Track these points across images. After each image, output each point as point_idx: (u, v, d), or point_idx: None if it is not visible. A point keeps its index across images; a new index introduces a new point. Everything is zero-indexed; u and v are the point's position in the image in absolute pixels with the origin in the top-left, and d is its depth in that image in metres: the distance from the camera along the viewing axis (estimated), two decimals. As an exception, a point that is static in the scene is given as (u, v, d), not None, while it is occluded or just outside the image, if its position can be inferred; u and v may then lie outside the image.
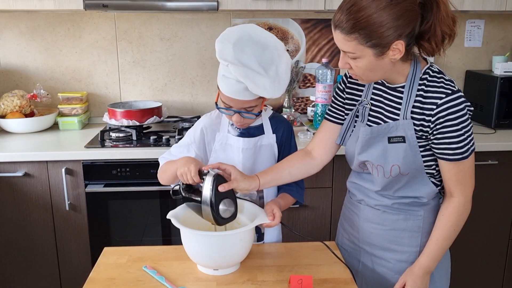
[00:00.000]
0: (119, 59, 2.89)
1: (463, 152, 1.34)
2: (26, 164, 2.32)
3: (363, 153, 1.46)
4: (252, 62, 1.40)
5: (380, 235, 1.53)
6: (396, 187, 1.45)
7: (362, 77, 1.36)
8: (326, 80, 2.61)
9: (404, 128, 1.37)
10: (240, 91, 1.42)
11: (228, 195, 1.40)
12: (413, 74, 1.36)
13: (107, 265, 1.49)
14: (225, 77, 1.42)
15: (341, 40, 1.28)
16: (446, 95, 1.31)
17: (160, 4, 2.45)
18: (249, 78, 1.37)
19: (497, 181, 2.55)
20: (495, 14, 2.99)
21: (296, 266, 1.48)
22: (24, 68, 2.86)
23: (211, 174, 1.38)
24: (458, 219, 1.41)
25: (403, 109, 1.37)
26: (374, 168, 1.45)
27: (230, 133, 1.59)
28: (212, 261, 1.40)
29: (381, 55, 1.27)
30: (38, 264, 2.45)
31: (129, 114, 2.57)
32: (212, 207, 1.36)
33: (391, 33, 1.23)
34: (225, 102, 1.49)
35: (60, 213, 2.38)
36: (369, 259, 1.57)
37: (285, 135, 1.64)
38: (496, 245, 2.66)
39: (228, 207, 1.40)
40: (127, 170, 2.36)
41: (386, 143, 1.40)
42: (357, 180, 1.59)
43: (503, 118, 2.74)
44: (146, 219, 2.47)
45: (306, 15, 2.90)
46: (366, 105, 1.46)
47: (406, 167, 1.39)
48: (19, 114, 2.64)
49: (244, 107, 1.47)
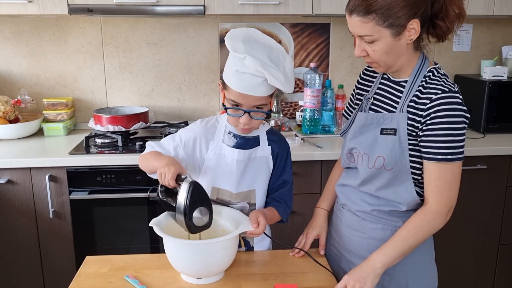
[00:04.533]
0: (105, 64, 2.85)
1: (448, 154, 1.31)
2: (9, 171, 2.28)
3: (353, 139, 1.47)
4: (264, 58, 1.40)
5: (358, 243, 1.51)
6: (377, 183, 1.43)
7: (380, 62, 1.37)
8: (314, 84, 2.60)
9: (398, 121, 1.37)
10: (256, 86, 1.40)
11: (204, 203, 1.37)
12: (419, 70, 1.38)
13: (88, 275, 1.45)
14: (238, 72, 1.39)
15: (358, 24, 1.30)
16: (442, 92, 1.31)
17: (148, 8, 2.43)
18: (267, 69, 1.36)
19: (486, 186, 2.54)
20: (483, 19, 2.99)
21: (281, 274, 1.45)
22: (8, 73, 2.82)
23: (187, 180, 1.35)
24: (422, 224, 1.36)
25: (401, 102, 1.38)
26: (360, 157, 1.45)
27: (225, 143, 1.56)
28: (195, 270, 1.38)
29: (398, 36, 1.30)
30: (21, 273, 2.40)
31: (115, 119, 2.53)
32: (186, 214, 1.33)
33: (407, 11, 1.26)
34: (234, 101, 1.45)
35: (44, 220, 2.34)
36: (348, 267, 1.55)
37: (281, 152, 1.60)
38: (486, 250, 2.65)
39: (202, 216, 1.37)
40: (112, 176, 2.32)
41: (378, 134, 1.41)
42: (343, 179, 1.58)
43: (492, 122, 2.74)
44: (133, 226, 2.43)
45: (294, 20, 2.89)
46: (368, 99, 1.49)
47: (391, 161, 1.38)
48: (3, 120, 2.60)
49: (255, 104, 1.44)
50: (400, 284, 1.46)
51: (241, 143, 1.55)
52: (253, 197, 1.57)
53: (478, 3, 2.60)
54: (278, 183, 1.60)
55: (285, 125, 2.74)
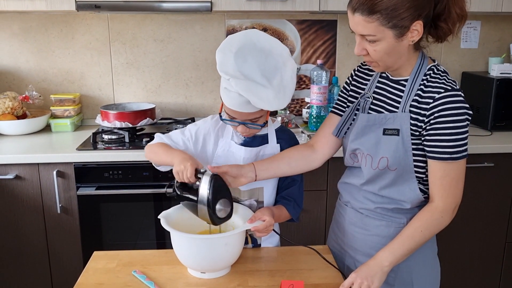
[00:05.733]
0: (112, 61, 2.86)
1: (453, 153, 1.31)
2: (17, 167, 2.29)
3: (356, 140, 1.45)
4: (255, 73, 1.34)
5: (362, 240, 1.51)
6: (381, 183, 1.42)
7: (379, 62, 1.36)
8: (321, 81, 2.59)
9: (400, 121, 1.36)
10: (243, 104, 1.38)
11: (225, 195, 1.40)
12: (418, 68, 1.37)
13: (96, 270, 1.46)
14: (227, 90, 1.39)
15: (362, 23, 1.28)
16: (445, 91, 1.30)
17: (155, 5, 2.43)
18: (251, 91, 1.32)
19: (493, 184, 2.53)
20: (491, 15, 2.97)
21: (288, 271, 1.45)
22: (16, 69, 2.83)
23: (208, 173, 1.37)
24: (428, 223, 1.36)
25: (403, 102, 1.37)
26: (363, 158, 1.44)
27: (234, 140, 1.56)
28: (198, 264, 1.39)
29: (401, 37, 1.28)
30: (29, 268, 2.42)
31: (122, 116, 2.54)
32: (209, 206, 1.35)
33: (411, 13, 1.25)
34: (229, 114, 1.46)
35: (52, 216, 2.35)
36: (352, 263, 1.55)
37: None
38: (492, 248, 2.64)
39: (224, 207, 1.39)
40: (120, 172, 2.33)
41: (380, 134, 1.39)
42: (346, 177, 1.57)
43: (499, 120, 2.72)
44: (139, 222, 2.44)
45: (301, 16, 2.88)
46: (367, 98, 1.46)
47: (394, 161, 1.37)
48: (11, 116, 2.61)
49: (248, 118, 1.44)
50: (404, 280, 1.46)
51: (249, 141, 1.56)
52: (261, 194, 1.57)
53: (486, 0, 2.59)
54: (287, 181, 1.60)
55: (291, 122, 2.74)
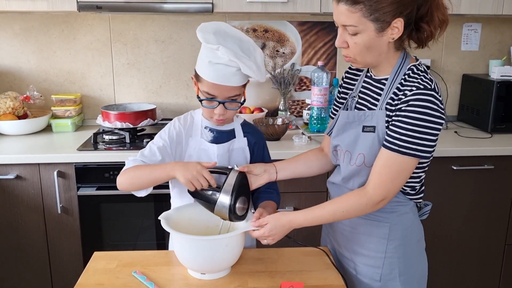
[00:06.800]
0: (113, 61, 2.87)
1: (402, 146, 1.30)
2: (18, 167, 2.29)
3: (337, 136, 1.48)
4: (236, 48, 1.43)
5: (350, 238, 1.53)
6: (359, 180, 1.43)
7: (357, 57, 1.37)
8: (322, 83, 2.59)
9: (377, 119, 1.38)
10: (230, 76, 1.43)
11: (245, 193, 1.44)
12: (399, 68, 1.38)
13: (96, 270, 1.46)
14: (212, 63, 1.43)
15: (345, 12, 1.30)
16: (416, 89, 1.31)
17: (157, 6, 2.44)
18: (240, 59, 1.40)
19: (493, 186, 2.53)
20: (492, 18, 2.98)
21: (288, 272, 1.46)
22: (17, 69, 2.84)
23: (235, 170, 1.44)
24: (353, 206, 1.37)
25: (381, 100, 1.39)
26: (342, 154, 1.47)
27: (203, 138, 1.58)
28: (198, 265, 1.40)
29: (382, 32, 1.30)
30: (29, 268, 2.42)
31: (122, 116, 2.55)
32: (231, 200, 1.38)
33: (394, 9, 1.27)
34: (208, 93, 1.47)
35: (52, 216, 2.36)
36: (342, 260, 1.58)
37: (258, 142, 1.65)
38: (492, 250, 2.64)
39: (243, 205, 1.43)
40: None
41: (360, 131, 1.42)
42: (332, 176, 1.59)
43: (499, 122, 2.72)
44: (140, 223, 2.44)
45: (302, 18, 2.89)
46: (354, 97, 1.49)
47: (370, 158, 1.38)
48: (12, 116, 2.62)
49: (229, 95, 1.47)
50: (389, 275, 1.47)
51: (217, 137, 1.59)
52: None
53: (487, 3, 2.59)
54: None
55: (292, 123, 2.75)
